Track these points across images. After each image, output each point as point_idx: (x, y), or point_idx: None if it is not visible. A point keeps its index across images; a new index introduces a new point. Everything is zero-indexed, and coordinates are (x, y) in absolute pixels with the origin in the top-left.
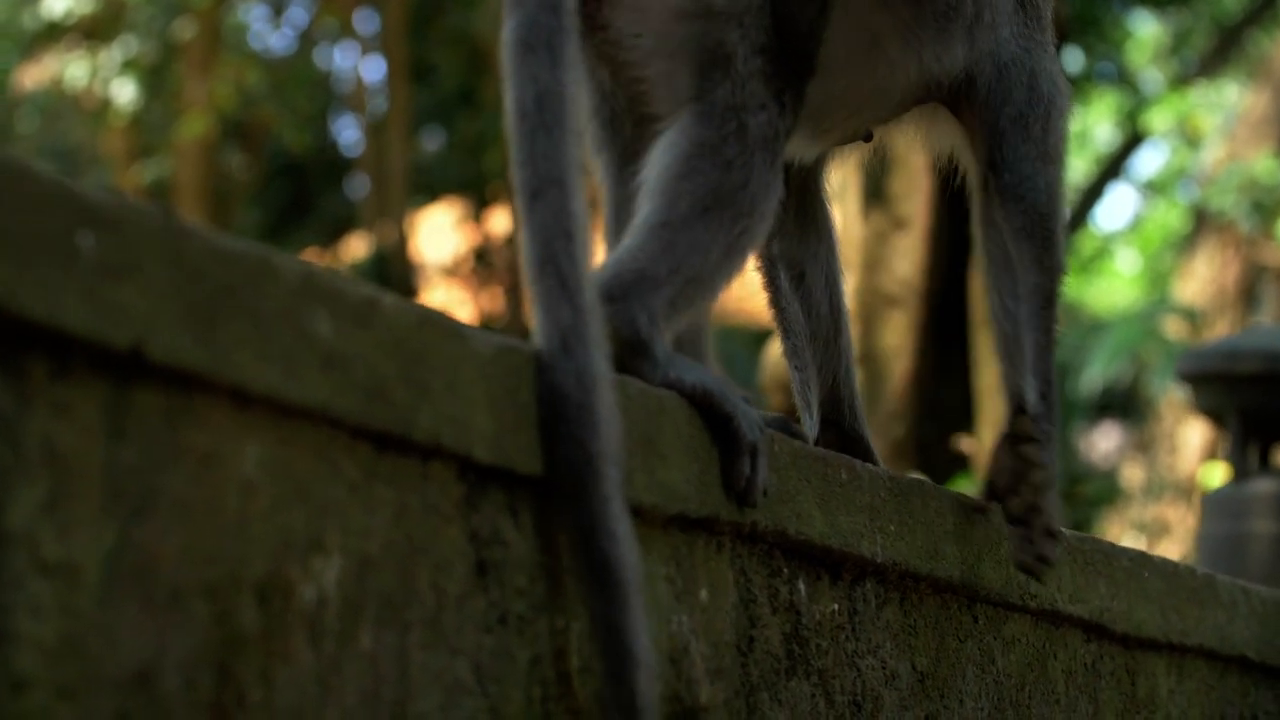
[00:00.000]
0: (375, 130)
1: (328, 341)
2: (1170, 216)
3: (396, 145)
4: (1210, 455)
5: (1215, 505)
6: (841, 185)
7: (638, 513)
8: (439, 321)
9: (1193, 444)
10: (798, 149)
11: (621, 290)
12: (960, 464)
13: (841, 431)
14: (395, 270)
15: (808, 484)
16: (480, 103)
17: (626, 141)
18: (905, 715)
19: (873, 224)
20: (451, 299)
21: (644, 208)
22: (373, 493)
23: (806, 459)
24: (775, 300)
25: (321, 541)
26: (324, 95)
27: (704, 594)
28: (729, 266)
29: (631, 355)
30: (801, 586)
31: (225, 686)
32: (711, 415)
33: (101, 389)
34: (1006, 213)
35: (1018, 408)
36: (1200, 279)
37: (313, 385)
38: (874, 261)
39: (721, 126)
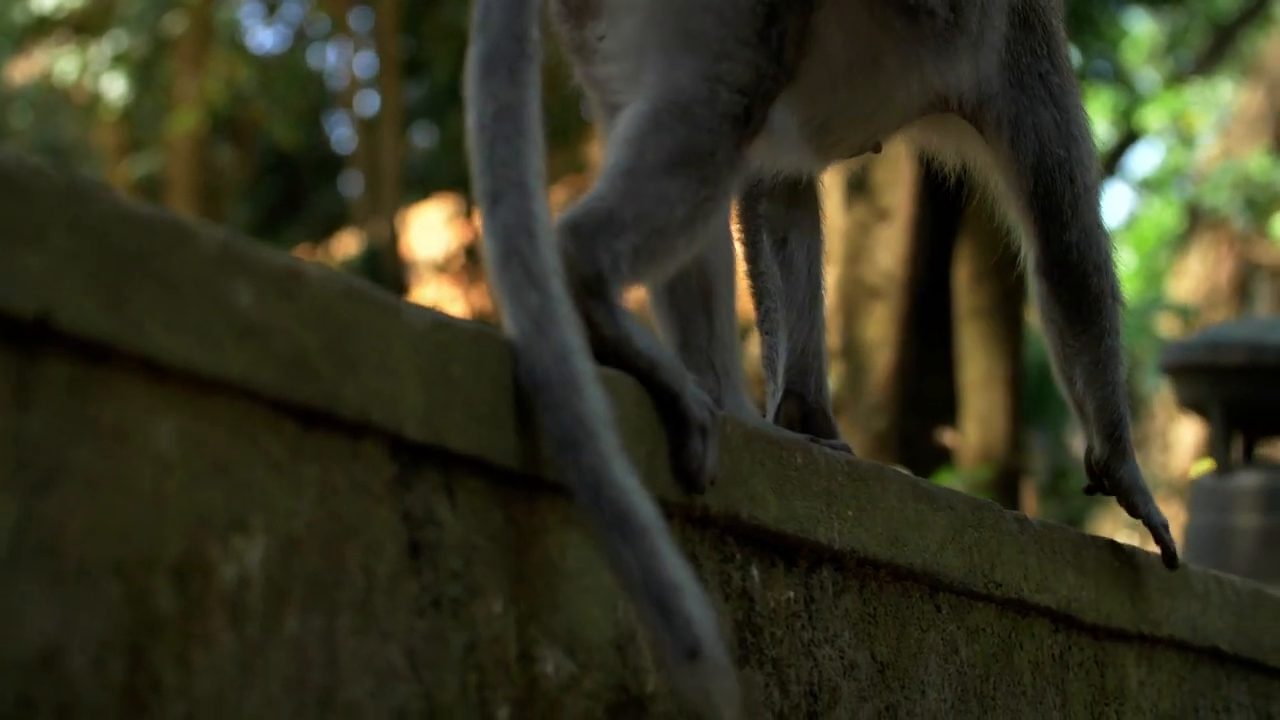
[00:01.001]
0: (367, 127)
1: (248, 312)
2: (1165, 215)
3: (388, 142)
4: (1203, 452)
5: (1199, 498)
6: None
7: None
8: (367, 294)
9: (1185, 441)
10: (807, 164)
11: (588, 229)
12: (943, 458)
13: (804, 404)
14: (387, 267)
15: (761, 467)
16: None
17: None
18: (864, 706)
19: (855, 215)
20: (443, 296)
21: (612, 156)
22: (298, 470)
23: (760, 441)
24: (753, 261)
25: (243, 521)
26: (317, 92)
27: None
28: (691, 230)
29: (588, 295)
30: (755, 573)
31: (139, 670)
32: (657, 390)
33: (6, 359)
34: (1052, 291)
35: (1089, 454)
36: (1194, 276)
37: (231, 358)
38: (856, 253)
39: (695, 92)
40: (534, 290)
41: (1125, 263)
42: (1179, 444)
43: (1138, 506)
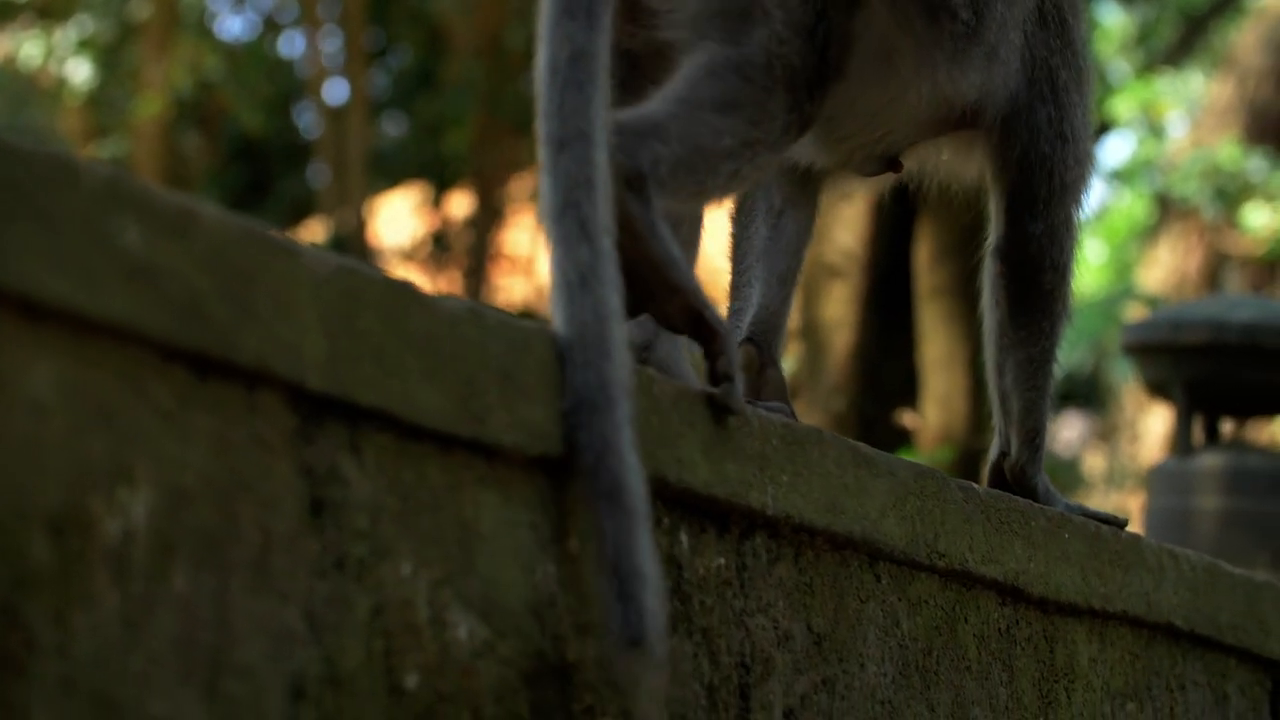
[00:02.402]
0: (334, 115)
1: (135, 252)
2: (1136, 207)
3: (355, 130)
4: (1171, 442)
5: (1160, 480)
6: None
7: (495, 453)
8: (267, 237)
9: (1154, 432)
10: (813, 155)
11: (635, 128)
12: (903, 439)
13: (764, 354)
14: (353, 254)
15: (691, 428)
16: (439, 83)
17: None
18: (799, 679)
19: None
20: None
21: (666, 90)
22: (189, 420)
23: (689, 400)
24: (743, 225)
25: (129, 472)
26: (285, 79)
27: (573, 543)
28: (735, 164)
29: (627, 188)
30: (683, 539)
31: (11, 629)
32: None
33: None
34: (1004, 275)
35: (1003, 453)
36: (1164, 266)
37: (117, 300)
38: (817, 231)
39: (751, 53)
40: (586, 244)
41: (1094, 255)
42: (1148, 434)
43: None
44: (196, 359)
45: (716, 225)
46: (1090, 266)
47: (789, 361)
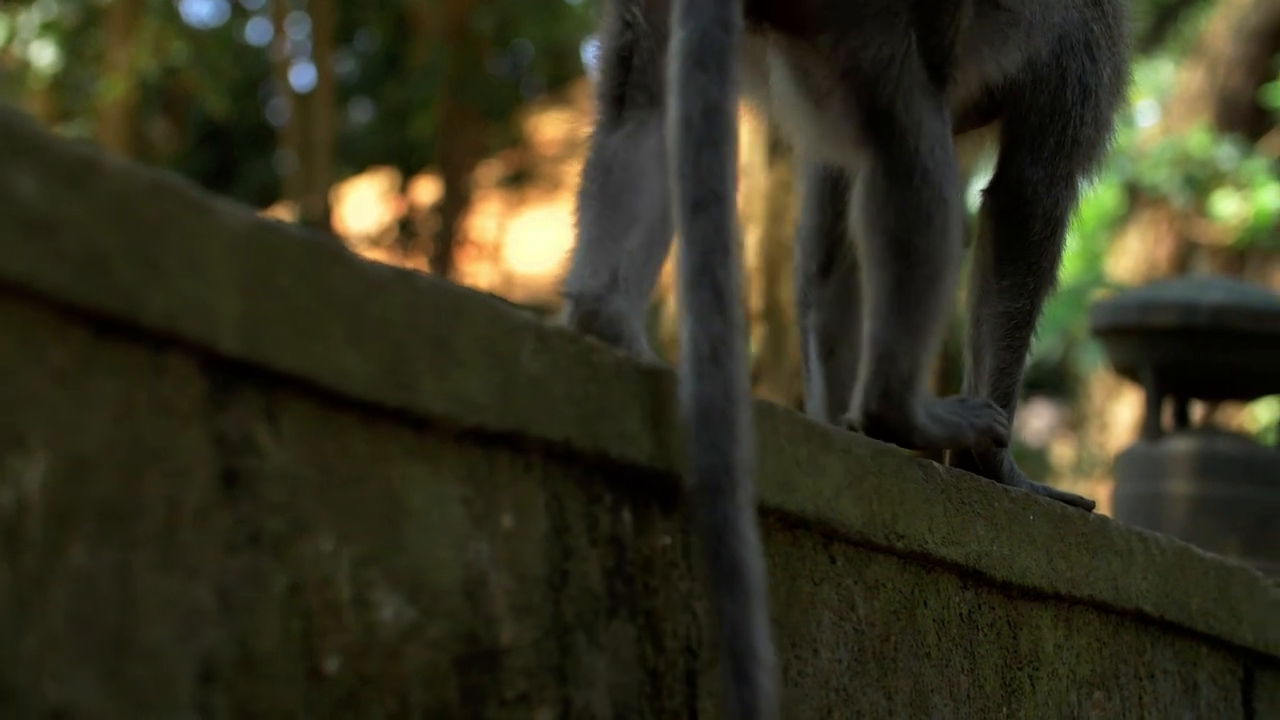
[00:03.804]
0: (301, 101)
1: (31, 203)
2: (1105, 196)
3: (322, 116)
4: (1141, 430)
5: (1130, 465)
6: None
7: (425, 424)
8: (177, 189)
9: (1123, 420)
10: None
11: (899, 395)
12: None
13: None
14: None
15: (634, 399)
16: (406, 68)
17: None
18: None
19: (776, 173)
20: None
21: (877, 290)
22: (89, 385)
23: (632, 371)
24: (805, 365)
25: (22, 438)
26: (252, 64)
27: (508, 520)
28: (954, 293)
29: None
30: (627, 516)
31: None
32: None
33: None
34: (994, 215)
35: None
36: (1133, 255)
37: (9, 255)
38: (778, 212)
39: (910, 180)
40: (719, 316)
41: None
42: (1116, 423)
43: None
44: (98, 319)
45: None
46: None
47: (751, 344)
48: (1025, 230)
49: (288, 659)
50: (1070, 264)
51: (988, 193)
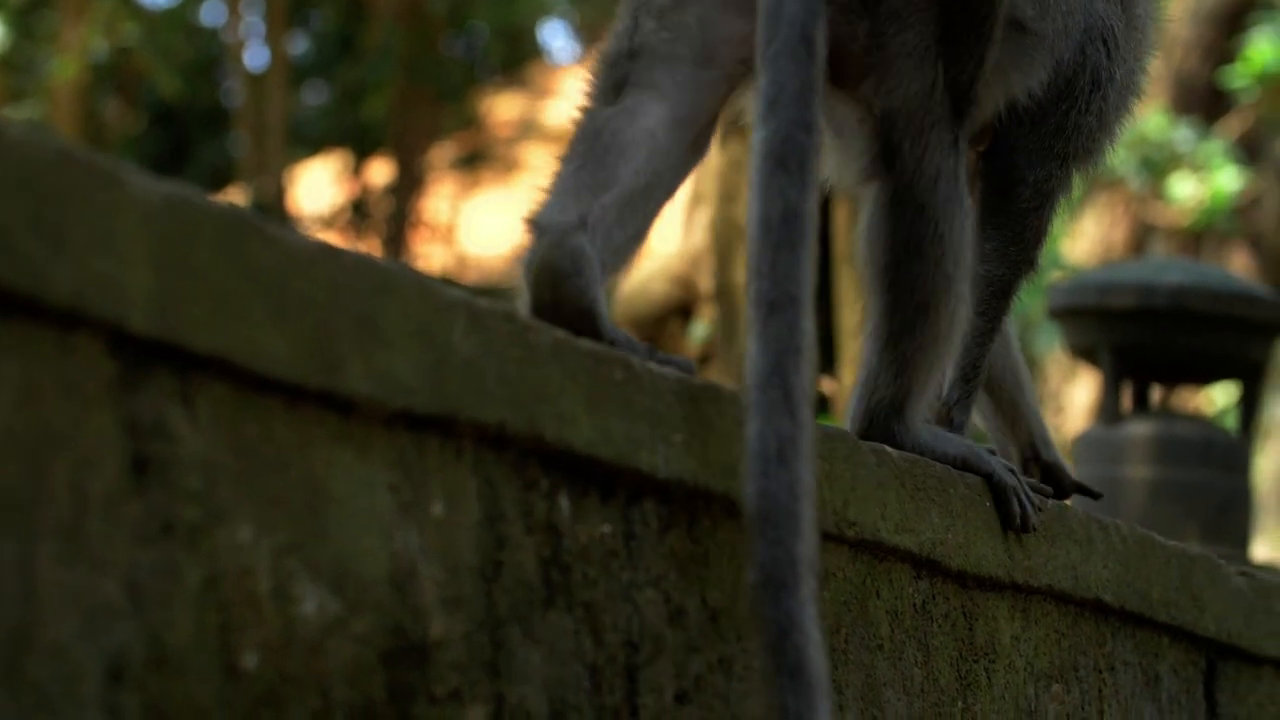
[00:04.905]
0: (254, 82)
1: None
2: None
3: (275, 97)
4: (1096, 413)
5: (1087, 449)
6: None
7: (350, 407)
8: (84, 160)
9: (1079, 403)
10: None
11: (882, 420)
12: (820, 405)
13: (1041, 462)
14: (273, 222)
15: (573, 381)
16: (360, 49)
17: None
18: (693, 658)
19: (730, 152)
20: None
21: (869, 317)
22: None
23: (570, 352)
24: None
25: None
26: (205, 44)
27: (438, 507)
28: (958, 327)
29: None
30: (564, 503)
31: None
32: (975, 473)
33: None
34: (983, 175)
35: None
36: (1089, 238)
37: None
38: (732, 192)
39: (907, 213)
40: (788, 416)
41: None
42: (1072, 406)
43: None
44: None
45: None
46: None
47: (704, 326)
48: (1013, 195)
49: (203, 655)
50: None
51: (985, 157)
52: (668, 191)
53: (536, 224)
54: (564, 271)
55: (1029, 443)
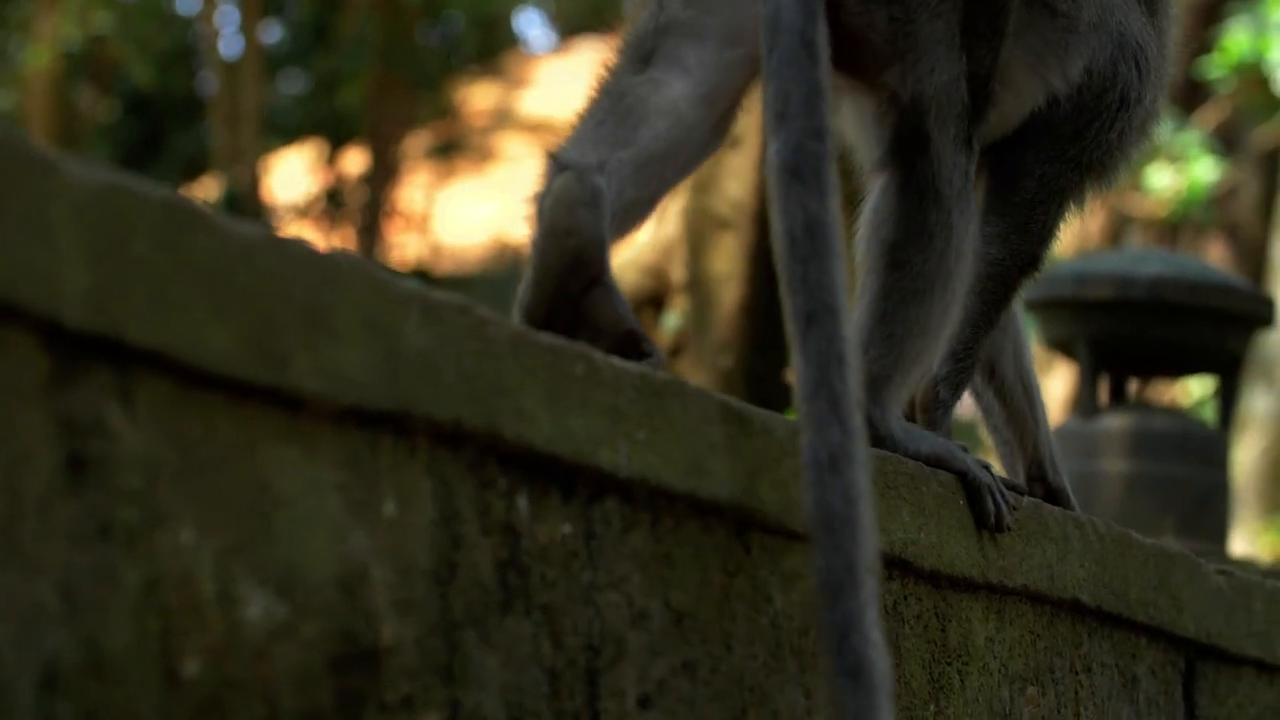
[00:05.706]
0: (229, 71)
1: None
2: None
3: (250, 87)
4: (1072, 403)
5: (1063, 442)
6: None
7: (298, 403)
8: (16, 145)
9: (1055, 395)
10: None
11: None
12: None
13: (1046, 484)
14: (247, 211)
15: (532, 376)
16: (335, 39)
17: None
18: (656, 662)
19: None
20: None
21: (863, 295)
22: None
23: (529, 346)
24: (971, 390)
25: None
26: (179, 33)
27: (390, 507)
28: (948, 322)
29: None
30: (522, 503)
31: None
32: (949, 471)
33: None
34: (990, 162)
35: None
36: (1066, 228)
37: None
38: (704, 181)
39: (921, 199)
40: (837, 425)
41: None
42: (1048, 399)
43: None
44: None
45: None
46: None
47: (675, 317)
48: (1016, 185)
49: (142, 662)
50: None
51: (994, 151)
52: (684, 166)
53: (557, 159)
54: (582, 200)
55: (1036, 461)
